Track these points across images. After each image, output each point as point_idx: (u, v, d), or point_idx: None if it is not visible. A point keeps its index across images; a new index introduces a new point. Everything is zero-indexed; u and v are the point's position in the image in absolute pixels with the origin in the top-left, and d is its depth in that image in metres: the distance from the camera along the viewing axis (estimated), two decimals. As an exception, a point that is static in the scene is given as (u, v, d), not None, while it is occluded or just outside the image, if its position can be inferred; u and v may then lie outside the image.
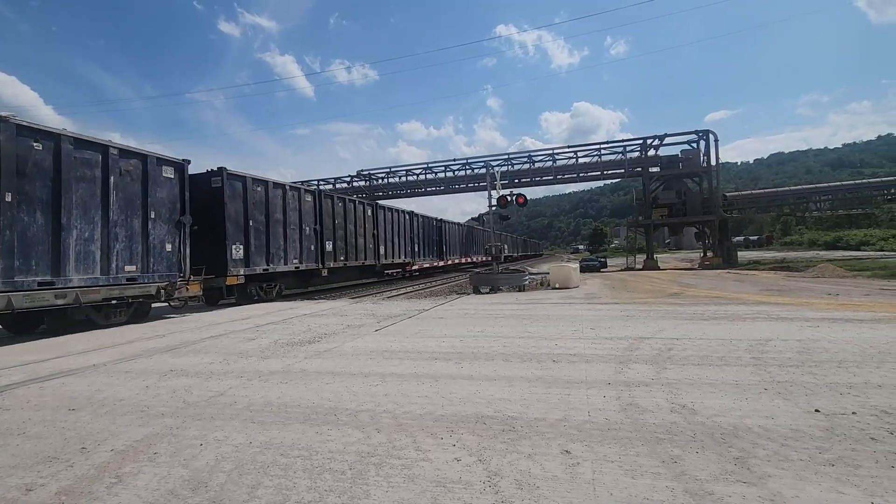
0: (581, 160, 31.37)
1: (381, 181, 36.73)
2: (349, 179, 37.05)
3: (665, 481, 2.36)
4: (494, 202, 16.30)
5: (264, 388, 4.39)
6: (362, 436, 3.12)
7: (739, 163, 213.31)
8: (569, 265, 17.54)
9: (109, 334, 8.39)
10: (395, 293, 15.94)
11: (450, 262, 30.44)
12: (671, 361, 4.83)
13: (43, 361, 6.06)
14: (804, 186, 37.30)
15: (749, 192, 36.85)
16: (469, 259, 34.81)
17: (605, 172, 31.66)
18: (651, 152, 29.67)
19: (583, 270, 22.84)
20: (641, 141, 29.95)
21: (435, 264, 27.75)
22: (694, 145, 28.99)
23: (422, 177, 35.39)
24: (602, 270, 28.12)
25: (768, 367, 4.45)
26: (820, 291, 11.69)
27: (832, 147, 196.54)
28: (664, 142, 29.39)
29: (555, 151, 32.20)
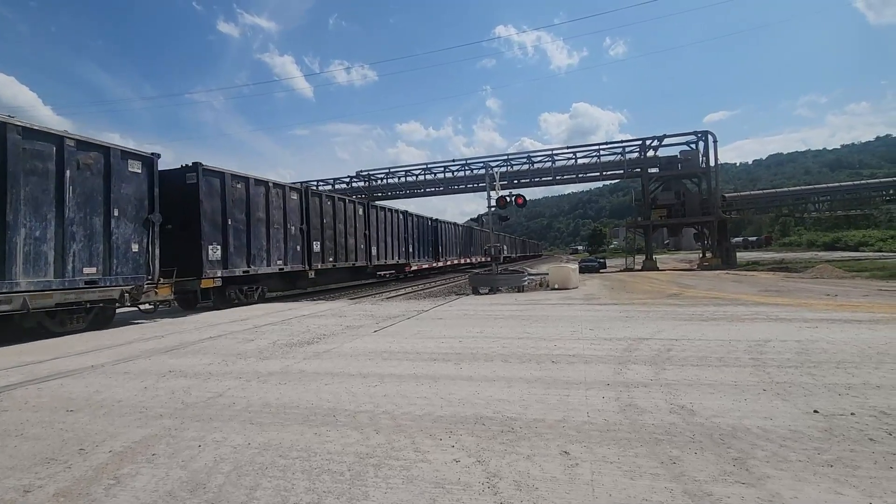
0: (580, 161, 31.36)
1: (381, 182, 36.72)
2: (348, 180, 37.03)
3: (664, 482, 2.36)
4: (493, 203, 16.29)
5: (263, 389, 4.38)
6: (361, 437, 3.12)
7: (738, 164, 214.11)
8: (568, 266, 17.53)
9: (108, 335, 8.38)
10: (394, 294, 15.93)
11: (447, 264, 30.13)
12: (670, 362, 4.84)
13: (41, 362, 6.05)
14: (803, 187, 37.30)
15: (748, 193, 36.84)
16: (468, 260, 34.74)
17: (604, 173, 31.64)
18: (650, 153, 29.67)
19: (582, 271, 22.84)
20: (640, 142, 29.96)
21: (431, 265, 27.33)
22: (693, 146, 29.01)
23: (421, 177, 35.40)
24: (601, 271, 28.11)
25: (767, 368, 4.45)
26: (819, 292, 11.70)
27: (831, 148, 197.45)
28: (663, 143, 29.41)
29: (554, 152, 32.20)
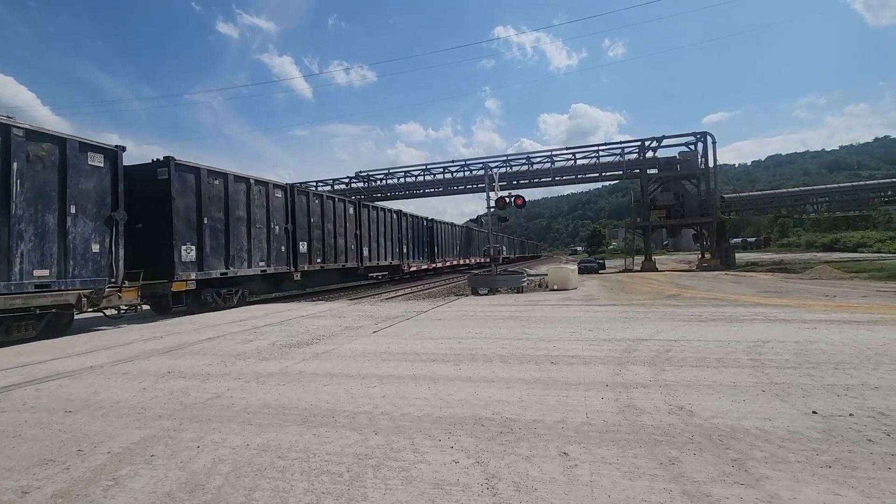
0: (579, 162, 31.39)
1: (380, 183, 36.69)
2: (347, 181, 37.00)
3: (663, 483, 2.36)
4: (493, 203, 16.31)
5: (262, 390, 4.37)
6: (360, 438, 3.12)
7: (737, 165, 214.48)
8: (567, 267, 17.55)
9: (108, 336, 8.36)
10: (394, 295, 15.93)
11: (444, 265, 29.85)
12: (669, 363, 4.84)
13: (40, 363, 6.04)
14: (801, 188, 37.34)
15: (747, 194, 36.91)
16: (467, 261, 34.72)
17: (604, 174, 31.67)
18: (649, 154, 29.72)
19: (581, 272, 22.88)
20: (639, 143, 30.02)
21: (427, 267, 26.90)
22: (692, 147, 29.04)
23: (420, 178, 35.39)
24: (600, 272, 28.15)
25: (766, 369, 4.46)
26: (817, 293, 11.72)
27: (829, 149, 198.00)
28: (662, 144, 29.45)
29: (553, 153, 32.21)
